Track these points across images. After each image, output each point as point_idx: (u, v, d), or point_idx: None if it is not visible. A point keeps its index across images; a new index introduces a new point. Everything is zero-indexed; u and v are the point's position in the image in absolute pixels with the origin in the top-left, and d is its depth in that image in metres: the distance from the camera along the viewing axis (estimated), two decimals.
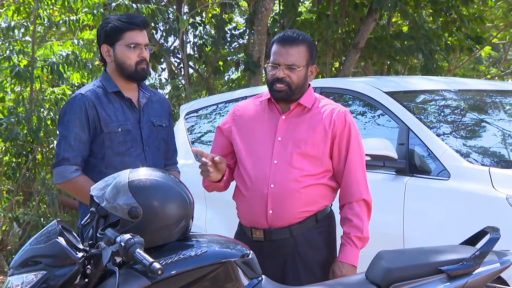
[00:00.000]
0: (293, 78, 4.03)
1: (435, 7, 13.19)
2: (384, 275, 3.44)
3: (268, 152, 4.06)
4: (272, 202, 3.99)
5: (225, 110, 7.07)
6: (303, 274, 4.00)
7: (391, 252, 3.62)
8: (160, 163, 4.39)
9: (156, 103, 4.48)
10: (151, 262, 2.95)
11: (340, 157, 4.03)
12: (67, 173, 4.23)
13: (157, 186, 3.27)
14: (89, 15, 8.84)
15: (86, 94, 4.29)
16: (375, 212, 5.07)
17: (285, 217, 3.98)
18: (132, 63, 4.29)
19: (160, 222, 3.22)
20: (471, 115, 5.64)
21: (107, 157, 4.25)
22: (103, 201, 3.24)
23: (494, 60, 19.42)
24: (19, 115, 8.30)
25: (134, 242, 3.03)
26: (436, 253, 3.53)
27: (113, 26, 4.30)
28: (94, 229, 3.32)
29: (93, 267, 3.19)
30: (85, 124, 4.24)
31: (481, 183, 4.62)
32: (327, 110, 4.07)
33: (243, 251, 3.31)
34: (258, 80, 11.57)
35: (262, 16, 11.33)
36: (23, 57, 8.63)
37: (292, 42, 4.05)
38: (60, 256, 3.17)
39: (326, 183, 4.05)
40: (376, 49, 13.26)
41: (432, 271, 3.43)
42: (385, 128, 5.39)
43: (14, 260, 3.29)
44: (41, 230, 3.38)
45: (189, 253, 3.20)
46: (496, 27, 16.47)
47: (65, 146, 4.24)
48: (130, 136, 4.30)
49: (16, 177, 8.84)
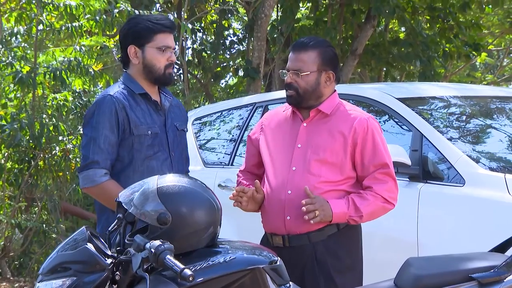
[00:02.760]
0: (300, 83, 4.06)
1: (432, 14, 13.25)
2: (414, 282, 3.42)
3: (287, 159, 4.08)
4: (290, 209, 4.00)
5: (229, 117, 7.08)
6: (322, 282, 3.99)
7: (420, 259, 3.61)
8: (183, 168, 4.34)
9: (175, 107, 4.42)
10: (182, 269, 2.95)
11: (363, 164, 4.01)
12: (96, 177, 4.07)
13: (186, 192, 3.27)
14: (91, 21, 8.85)
15: (115, 95, 4.15)
16: (388, 218, 5.09)
17: (302, 224, 3.96)
18: (162, 66, 4.21)
19: (189, 229, 3.23)
20: (484, 121, 5.63)
21: (135, 161, 4.14)
22: (131, 207, 3.24)
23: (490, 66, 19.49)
24: (22, 121, 8.29)
25: (164, 248, 3.02)
26: (466, 260, 3.51)
27: (144, 27, 4.18)
28: (121, 235, 3.32)
29: (122, 273, 3.20)
30: (114, 126, 4.10)
31: (497, 189, 4.60)
32: (348, 116, 4.06)
33: (271, 258, 3.31)
34: (258, 86, 11.56)
35: (261, 22, 11.33)
36: (25, 63, 8.62)
37: (301, 47, 4.09)
38: (89, 262, 3.18)
39: (347, 190, 4.03)
40: (374, 56, 13.29)
41: (462, 279, 3.40)
42: (397, 134, 5.39)
43: (43, 267, 3.28)
44: (69, 236, 3.38)
45: (218, 260, 3.20)
46: (492, 34, 16.52)
47: (95, 148, 4.08)
48: (158, 139, 4.20)
49: (18, 183, 8.82)
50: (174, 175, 3.41)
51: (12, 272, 9.10)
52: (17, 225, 8.71)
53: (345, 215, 3.95)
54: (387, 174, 4.03)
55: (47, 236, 9.11)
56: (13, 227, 8.84)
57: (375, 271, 4.93)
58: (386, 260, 5.04)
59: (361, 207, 3.94)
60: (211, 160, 6.76)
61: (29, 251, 9.21)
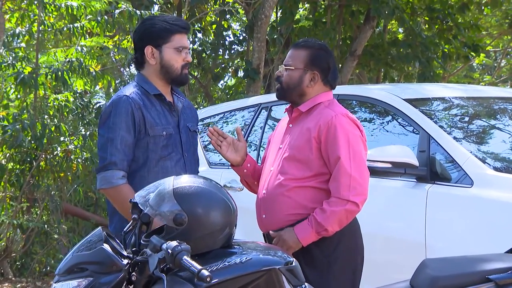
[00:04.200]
0: (285, 77, 4.23)
1: (431, 15, 13.28)
2: (431, 284, 3.42)
3: (272, 161, 4.27)
4: (264, 207, 4.20)
5: (234, 118, 7.08)
6: None
7: (436, 260, 3.60)
8: (195, 169, 4.35)
9: (187, 108, 4.43)
10: (199, 270, 2.94)
11: (330, 160, 4.02)
12: (114, 178, 4.07)
13: (202, 193, 3.26)
14: (93, 22, 8.85)
15: (131, 96, 4.16)
16: (396, 219, 5.11)
17: (274, 221, 4.14)
18: (179, 67, 4.23)
19: (205, 229, 3.22)
20: (492, 122, 5.64)
21: (149, 161, 4.15)
22: (147, 207, 3.23)
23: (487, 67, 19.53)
24: (24, 122, 8.28)
25: (181, 249, 3.01)
26: (483, 262, 3.51)
27: (161, 28, 4.19)
28: (136, 236, 3.31)
29: (138, 274, 3.19)
30: (131, 127, 4.11)
31: (506, 190, 4.60)
32: (319, 114, 4.12)
33: (287, 259, 3.30)
34: (257, 87, 11.58)
35: (261, 23, 11.34)
36: (27, 64, 8.61)
37: (296, 45, 4.30)
38: (106, 263, 3.17)
39: (317, 187, 4.07)
40: (373, 57, 13.31)
41: (479, 280, 3.40)
42: (404, 136, 5.40)
43: (59, 267, 3.27)
44: (85, 237, 3.38)
45: (234, 260, 3.19)
46: (490, 35, 16.56)
47: (112, 149, 4.08)
48: (172, 140, 4.21)
49: (20, 184, 8.81)
50: (189, 176, 3.40)
51: (13, 273, 9.08)
52: (19, 226, 8.69)
53: (313, 235, 3.99)
54: (339, 169, 3.98)
55: (49, 237, 9.10)
56: (14, 228, 8.82)
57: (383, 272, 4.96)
58: (394, 261, 5.05)
59: (323, 222, 3.96)
60: (216, 161, 6.76)
61: (31, 252, 9.19)
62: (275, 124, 6.49)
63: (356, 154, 4.01)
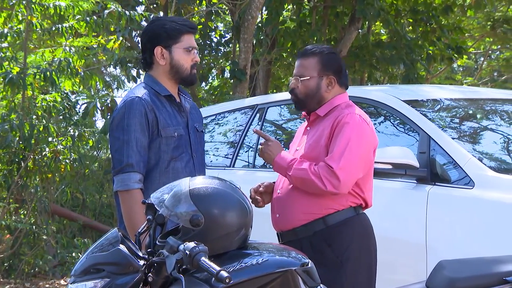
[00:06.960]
0: (300, 88, 4.25)
1: (415, 17, 13.34)
2: (448, 285, 3.41)
3: None
4: (278, 207, 4.26)
5: (230, 119, 7.06)
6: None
7: (453, 261, 3.60)
8: (203, 170, 4.36)
9: (192, 108, 4.45)
10: (218, 271, 2.92)
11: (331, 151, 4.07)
12: (130, 181, 4.07)
13: (218, 194, 3.25)
14: (81, 22, 8.81)
15: (143, 97, 4.16)
16: (397, 220, 5.12)
17: (288, 220, 4.19)
18: (188, 67, 4.25)
19: (221, 230, 3.21)
20: (492, 123, 5.66)
21: (161, 162, 4.15)
22: (162, 207, 3.22)
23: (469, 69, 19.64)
24: (13, 123, 8.23)
25: (199, 250, 3.00)
26: (499, 263, 3.51)
27: (171, 28, 4.21)
28: (151, 237, 3.30)
29: (155, 275, 3.17)
30: (145, 129, 4.11)
31: (507, 192, 4.61)
32: (336, 116, 4.15)
33: (302, 260, 3.30)
34: (244, 87, 11.58)
35: (248, 24, 11.34)
36: (15, 64, 8.56)
37: (304, 54, 4.29)
38: (122, 264, 3.15)
39: None
40: (358, 58, 13.35)
41: (496, 281, 3.40)
42: (404, 137, 5.41)
43: (75, 268, 3.25)
44: (100, 238, 3.36)
45: (251, 262, 3.18)
46: (472, 37, 16.66)
47: (128, 151, 4.08)
48: (183, 141, 4.23)
49: (8, 184, 8.75)
50: (205, 177, 3.39)
51: (1, 274, 9.02)
52: (7, 227, 8.64)
53: (284, 170, 4.13)
54: (329, 160, 4.02)
55: (37, 238, 9.04)
56: (2, 229, 8.76)
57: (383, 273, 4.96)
58: (394, 263, 5.06)
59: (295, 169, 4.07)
60: (212, 162, 6.75)
61: (19, 253, 9.12)
62: (271, 126, 6.51)
63: (352, 150, 4.03)
